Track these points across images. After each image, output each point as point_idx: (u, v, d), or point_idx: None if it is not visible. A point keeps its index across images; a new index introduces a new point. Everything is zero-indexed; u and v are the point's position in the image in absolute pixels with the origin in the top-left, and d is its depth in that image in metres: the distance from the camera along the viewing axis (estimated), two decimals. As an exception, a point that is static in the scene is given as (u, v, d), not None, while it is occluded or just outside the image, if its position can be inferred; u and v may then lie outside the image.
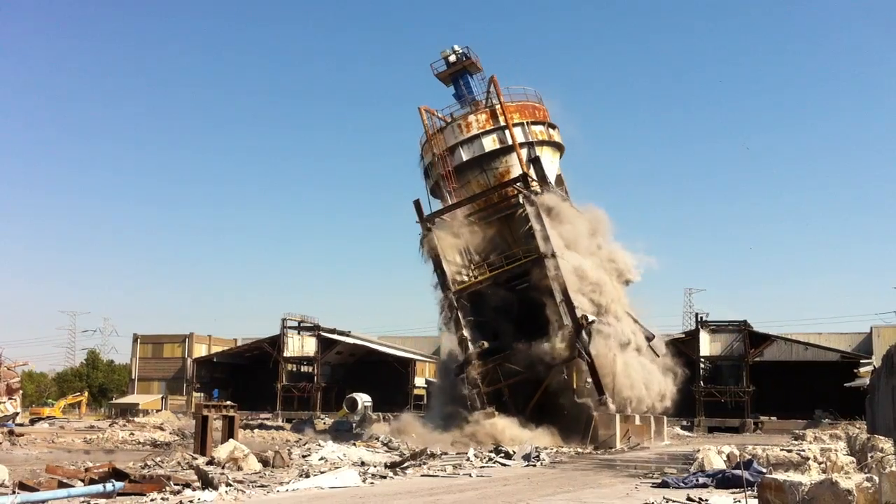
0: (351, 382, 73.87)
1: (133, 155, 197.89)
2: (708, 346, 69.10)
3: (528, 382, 44.00)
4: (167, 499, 17.16)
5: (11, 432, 44.75)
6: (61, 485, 18.61)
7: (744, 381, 66.72)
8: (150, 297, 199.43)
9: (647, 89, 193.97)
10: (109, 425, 53.54)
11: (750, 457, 21.64)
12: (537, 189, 46.01)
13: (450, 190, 47.37)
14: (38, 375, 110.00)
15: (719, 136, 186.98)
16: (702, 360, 68.12)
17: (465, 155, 47.36)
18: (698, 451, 24.42)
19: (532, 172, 46.44)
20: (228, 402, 31.70)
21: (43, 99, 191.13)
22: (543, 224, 44.33)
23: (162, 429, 50.28)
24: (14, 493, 16.82)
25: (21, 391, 70.08)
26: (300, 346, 77.45)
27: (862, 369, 61.83)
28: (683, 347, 68.23)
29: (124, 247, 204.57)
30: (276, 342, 76.25)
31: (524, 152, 47.25)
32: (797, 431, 48.64)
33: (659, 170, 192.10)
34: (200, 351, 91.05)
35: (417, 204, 46.86)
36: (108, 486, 17.88)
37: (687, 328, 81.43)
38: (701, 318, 70.98)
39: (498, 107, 47.49)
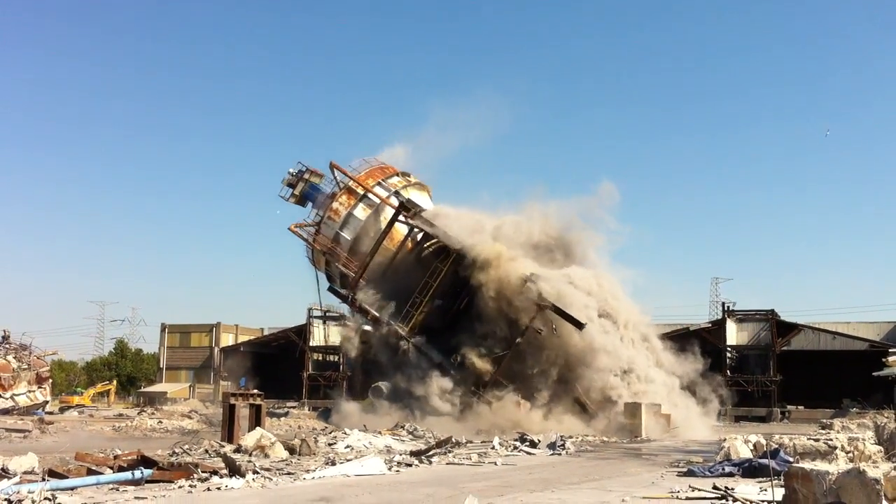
0: (376, 371, 73.97)
1: (159, 146, 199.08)
2: (735, 335, 68.63)
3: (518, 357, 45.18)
4: (195, 486, 17.31)
5: (41, 420, 45.28)
6: (90, 472, 18.81)
7: (771, 371, 66.29)
8: (178, 287, 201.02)
9: (662, 76, 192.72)
10: (138, 413, 53.98)
11: (777, 446, 21.50)
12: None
13: (355, 271, 49.18)
14: (67, 364, 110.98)
15: (746, 122, 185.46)
16: (728, 349, 67.76)
17: (348, 235, 49.69)
18: (724, 440, 24.29)
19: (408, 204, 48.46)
20: (255, 391, 31.83)
21: (63, 90, 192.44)
22: (438, 226, 46.73)
23: (189, 417, 50.63)
24: (44, 480, 17.02)
25: (51, 380, 70.85)
26: (326, 335, 77.67)
27: (890, 358, 61.19)
28: (710, 337, 67.90)
29: (151, 237, 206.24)
30: (302, 332, 76.48)
31: (393, 201, 49.23)
32: (824, 421, 48.19)
33: (682, 157, 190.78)
34: (227, 340, 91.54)
35: (332, 290, 51.27)
36: (137, 474, 18.07)
37: (713, 317, 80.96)
38: (728, 307, 70.58)
39: (350, 182, 49.86)
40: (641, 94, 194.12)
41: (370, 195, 49.78)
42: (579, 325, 42.84)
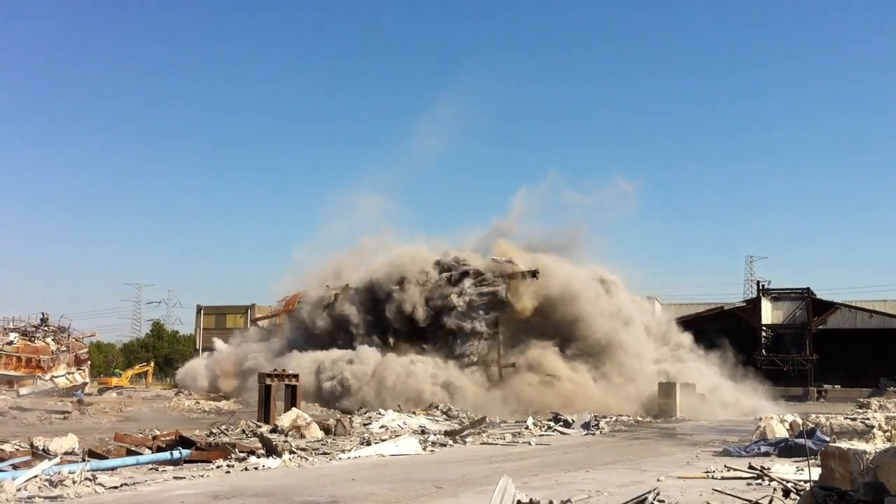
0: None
1: (191, 126, 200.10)
2: (770, 314, 68.15)
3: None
4: (233, 465, 17.51)
5: (81, 402, 45.91)
6: (130, 452, 19.13)
7: (807, 350, 65.81)
8: (213, 269, 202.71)
9: (702, 46, 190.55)
10: (175, 394, 54.57)
11: (813, 425, 21.41)
12: None
13: None
14: (105, 346, 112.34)
15: (778, 95, 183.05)
16: (763, 328, 67.32)
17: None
18: (760, 419, 24.18)
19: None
20: (291, 372, 32.05)
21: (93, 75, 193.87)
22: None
23: (226, 398, 51.12)
24: (84, 460, 17.30)
25: (89, 361, 71.84)
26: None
27: (929, 337, 60.69)
28: (744, 316, 67.56)
29: (186, 220, 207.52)
30: (336, 313, 77.18)
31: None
32: (861, 400, 47.84)
33: (712, 134, 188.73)
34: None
35: None
36: (175, 454, 18.33)
37: (748, 296, 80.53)
38: (762, 285, 70.10)
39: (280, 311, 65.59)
40: (669, 61, 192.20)
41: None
42: (534, 275, 44.33)
